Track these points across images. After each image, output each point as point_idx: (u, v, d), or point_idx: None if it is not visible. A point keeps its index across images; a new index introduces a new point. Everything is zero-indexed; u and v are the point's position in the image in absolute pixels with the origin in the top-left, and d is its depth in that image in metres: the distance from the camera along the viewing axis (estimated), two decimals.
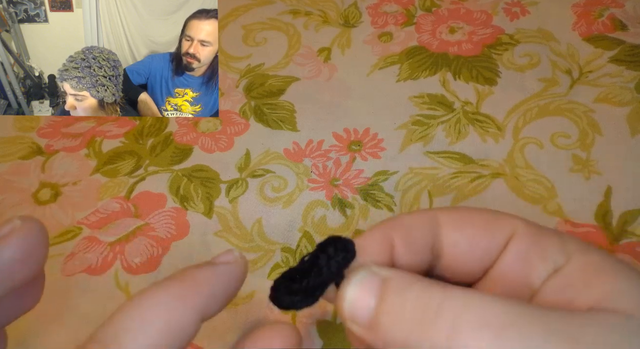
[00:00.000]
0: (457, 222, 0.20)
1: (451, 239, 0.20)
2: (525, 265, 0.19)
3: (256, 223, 0.37)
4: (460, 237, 0.20)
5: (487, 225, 0.20)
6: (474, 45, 0.46)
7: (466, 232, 0.20)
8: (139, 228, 0.37)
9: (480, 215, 0.21)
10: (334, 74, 0.46)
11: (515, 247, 0.20)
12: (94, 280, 0.35)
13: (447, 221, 0.20)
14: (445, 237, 0.20)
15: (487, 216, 0.20)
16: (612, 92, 0.41)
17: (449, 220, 0.20)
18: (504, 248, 0.20)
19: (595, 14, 0.47)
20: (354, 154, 0.40)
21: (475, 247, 0.20)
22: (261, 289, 0.34)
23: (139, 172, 0.41)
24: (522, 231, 0.20)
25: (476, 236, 0.20)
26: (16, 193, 0.40)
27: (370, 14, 0.51)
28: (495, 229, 0.20)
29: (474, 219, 0.20)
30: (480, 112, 0.41)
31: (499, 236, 0.20)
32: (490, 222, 0.20)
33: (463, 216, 0.21)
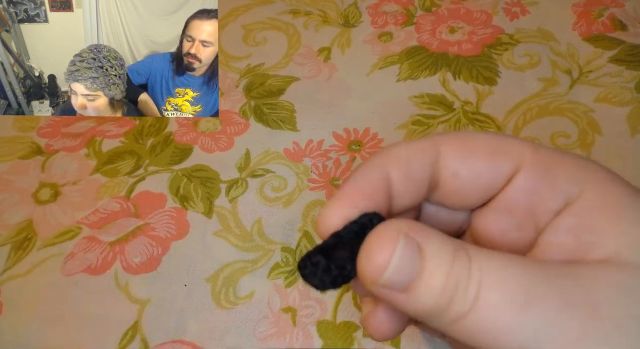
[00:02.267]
0: (458, 152, 0.19)
1: (451, 170, 0.19)
2: (532, 198, 0.18)
3: (256, 223, 0.37)
4: (462, 168, 0.19)
5: (492, 154, 0.18)
6: (474, 45, 0.46)
7: (468, 163, 0.19)
8: (139, 228, 0.37)
9: (484, 142, 0.19)
10: (334, 74, 0.46)
11: (521, 178, 0.18)
12: (94, 280, 0.35)
13: (447, 150, 0.19)
14: (444, 168, 0.19)
15: (492, 142, 0.19)
16: (612, 92, 0.41)
17: (450, 150, 0.19)
18: (510, 179, 0.18)
19: (595, 14, 0.47)
20: (354, 154, 0.40)
21: (478, 179, 0.19)
22: (261, 289, 0.34)
23: (139, 172, 0.41)
24: (530, 159, 0.18)
25: (479, 166, 0.18)
26: (16, 193, 0.40)
27: (370, 13, 0.51)
28: (500, 158, 0.18)
29: (476, 147, 0.19)
30: (480, 112, 0.41)
31: (504, 167, 0.18)
32: (495, 151, 0.18)
33: (465, 145, 0.19)
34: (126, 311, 0.34)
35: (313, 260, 0.17)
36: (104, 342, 0.32)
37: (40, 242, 0.37)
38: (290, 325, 0.32)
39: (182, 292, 0.34)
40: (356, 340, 0.32)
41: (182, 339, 0.32)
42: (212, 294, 0.34)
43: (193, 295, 0.34)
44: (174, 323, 0.33)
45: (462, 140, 0.19)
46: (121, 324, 0.33)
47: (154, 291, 0.34)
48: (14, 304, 0.34)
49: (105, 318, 0.33)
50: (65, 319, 0.34)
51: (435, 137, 0.19)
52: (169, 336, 0.32)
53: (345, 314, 0.33)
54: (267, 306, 0.33)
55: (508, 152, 0.18)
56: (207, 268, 0.35)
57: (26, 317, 0.34)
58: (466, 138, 0.19)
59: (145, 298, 0.34)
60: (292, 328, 0.32)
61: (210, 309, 0.33)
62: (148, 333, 0.33)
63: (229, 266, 0.35)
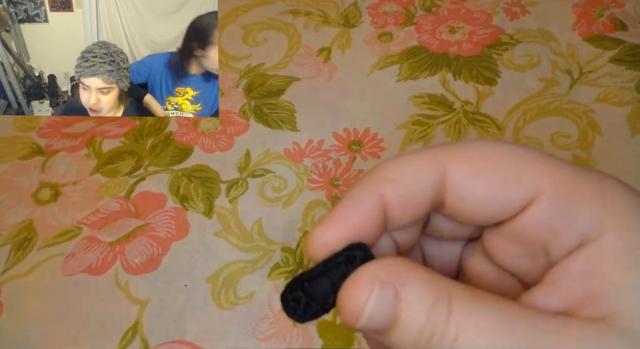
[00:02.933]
0: (466, 175, 0.17)
1: (458, 194, 0.17)
2: (546, 232, 0.16)
3: (256, 223, 0.37)
4: (469, 194, 0.17)
5: (505, 180, 0.16)
6: (474, 45, 0.46)
7: (477, 189, 0.17)
8: (139, 228, 0.37)
9: (496, 163, 0.17)
10: (334, 74, 0.46)
11: (537, 211, 0.16)
12: (94, 280, 0.35)
13: (454, 172, 0.17)
14: (450, 190, 0.17)
15: (506, 164, 0.17)
16: (612, 92, 0.41)
17: (457, 171, 0.17)
18: (524, 209, 0.17)
19: (595, 13, 0.47)
20: (354, 154, 0.40)
21: (487, 207, 0.17)
22: (261, 289, 0.34)
23: (139, 172, 0.41)
24: (548, 188, 0.16)
25: (489, 193, 0.17)
26: (16, 193, 0.40)
27: (370, 13, 0.51)
28: (514, 185, 0.16)
29: (488, 169, 0.17)
30: (480, 112, 0.41)
31: (517, 195, 0.16)
32: (508, 176, 0.16)
33: (474, 166, 0.17)
34: (126, 311, 0.34)
35: (294, 295, 0.17)
36: (104, 342, 0.32)
37: (41, 242, 0.37)
38: (290, 325, 0.32)
39: (182, 292, 0.34)
40: (356, 340, 0.32)
41: (182, 339, 0.32)
42: (212, 294, 0.34)
43: (193, 295, 0.34)
44: (174, 323, 0.33)
45: (471, 160, 0.17)
46: (121, 324, 0.33)
47: (154, 291, 0.34)
48: (14, 304, 0.34)
49: (105, 318, 0.33)
50: (65, 319, 0.34)
51: (441, 154, 0.17)
52: (169, 336, 0.32)
53: None
54: (267, 306, 0.33)
55: (523, 179, 0.17)
56: (207, 268, 0.35)
57: (26, 317, 0.34)
58: (476, 158, 0.17)
59: (145, 298, 0.34)
60: (292, 329, 0.32)
61: (211, 309, 0.33)
62: (148, 333, 0.33)
63: (229, 266, 0.35)
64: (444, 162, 0.17)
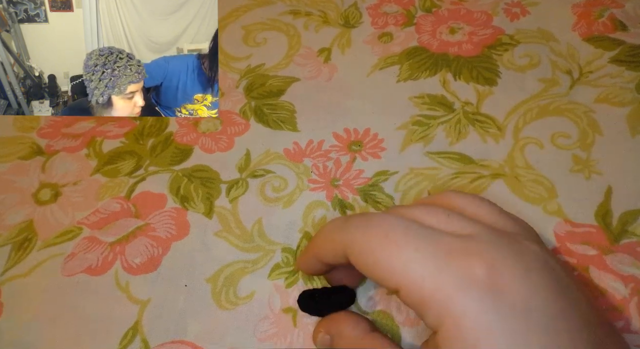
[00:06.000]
0: (356, 262, 0.24)
1: (353, 262, 0.25)
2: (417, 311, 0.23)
3: (256, 223, 0.37)
4: (358, 267, 0.25)
5: (376, 278, 0.23)
6: (474, 45, 0.46)
7: (361, 271, 0.24)
8: (139, 228, 0.37)
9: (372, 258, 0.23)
10: (334, 74, 0.46)
11: (402, 297, 0.23)
12: (94, 280, 0.35)
13: (350, 254, 0.25)
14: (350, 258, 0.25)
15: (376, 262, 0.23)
16: (612, 93, 0.41)
17: (351, 256, 0.25)
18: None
19: (596, 14, 0.47)
20: (355, 154, 0.40)
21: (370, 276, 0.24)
22: (261, 290, 0.34)
23: (139, 173, 0.41)
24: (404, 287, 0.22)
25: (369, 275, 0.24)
26: (16, 193, 0.40)
27: (370, 14, 0.51)
28: (385, 282, 0.23)
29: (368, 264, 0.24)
30: (480, 113, 0.41)
31: (385, 285, 0.23)
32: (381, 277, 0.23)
33: (360, 257, 0.24)
34: (126, 312, 0.34)
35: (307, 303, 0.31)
36: (104, 342, 0.32)
37: (41, 242, 0.37)
38: (291, 326, 0.32)
39: (183, 292, 0.34)
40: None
41: (183, 340, 0.32)
42: (213, 294, 0.34)
43: (193, 295, 0.34)
44: (175, 324, 0.33)
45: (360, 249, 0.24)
46: (121, 325, 0.33)
47: (155, 291, 0.34)
48: (14, 304, 0.34)
49: (105, 319, 0.33)
50: (65, 320, 0.34)
51: (346, 236, 0.25)
52: (169, 337, 0.32)
53: None
54: (268, 307, 0.33)
55: (387, 277, 0.23)
56: (207, 268, 0.35)
57: (26, 317, 0.34)
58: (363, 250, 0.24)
59: (145, 298, 0.34)
60: (293, 329, 0.32)
61: (211, 309, 0.33)
62: (148, 334, 0.33)
63: (229, 266, 0.35)
64: (346, 246, 0.25)
